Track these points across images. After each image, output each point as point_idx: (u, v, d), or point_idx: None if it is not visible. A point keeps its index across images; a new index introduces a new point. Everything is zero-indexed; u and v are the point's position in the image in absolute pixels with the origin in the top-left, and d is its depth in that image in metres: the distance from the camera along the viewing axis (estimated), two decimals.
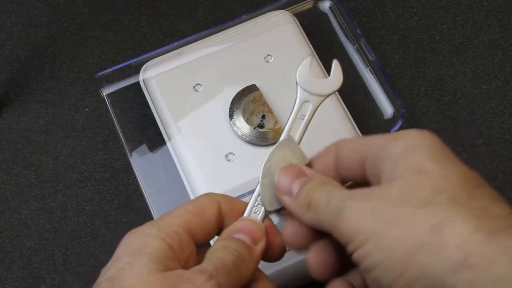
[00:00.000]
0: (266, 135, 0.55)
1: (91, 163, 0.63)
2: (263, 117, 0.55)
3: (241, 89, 0.57)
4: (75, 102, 0.66)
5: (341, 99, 0.58)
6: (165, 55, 0.60)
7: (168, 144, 0.57)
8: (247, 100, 0.56)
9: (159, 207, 0.54)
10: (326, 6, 0.63)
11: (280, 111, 0.56)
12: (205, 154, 0.55)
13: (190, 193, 0.55)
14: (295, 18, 0.62)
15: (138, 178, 0.56)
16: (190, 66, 0.59)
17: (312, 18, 0.63)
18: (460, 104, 0.65)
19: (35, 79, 0.67)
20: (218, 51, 0.60)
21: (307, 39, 0.61)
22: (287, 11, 0.62)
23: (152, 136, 0.59)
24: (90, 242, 0.60)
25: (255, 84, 0.57)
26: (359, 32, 0.60)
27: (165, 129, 0.57)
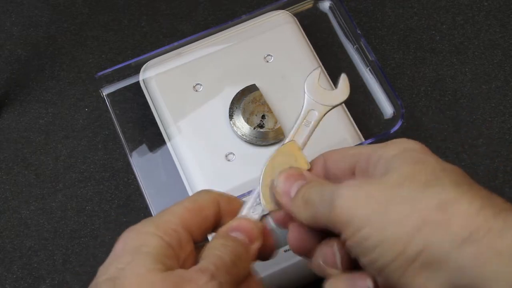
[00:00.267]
0: (266, 135, 0.55)
1: (91, 163, 0.63)
2: (263, 117, 0.55)
3: (241, 89, 0.57)
4: (75, 102, 0.66)
5: None
6: (165, 55, 0.60)
7: (168, 144, 0.57)
8: (247, 100, 0.56)
9: (159, 207, 0.54)
10: (326, 6, 0.63)
11: (280, 111, 0.56)
12: (205, 154, 0.55)
13: (190, 193, 0.55)
14: (295, 18, 0.62)
15: (138, 178, 0.56)
16: (190, 66, 0.59)
17: (312, 18, 0.63)
18: (460, 104, 0.65)
19: (35, 79, 0.67)
20: (218, 51, 0.60)
21: (307, 39, 0.61)
22: (287, 11, 0.62)
23: (152, 136, 0.59)
24: (90, 242, 0.60)
25: (255, 84, 0.57)
26: (359, 32, 0.60)
27: (165, 129, 0.57)
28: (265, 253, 0.39)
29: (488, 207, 0.31)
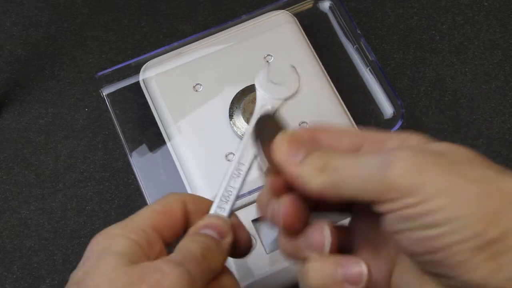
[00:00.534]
0: None
1: (91, 163, 0.63)
2: None
3: (241, 89, 0.57)
4: (75, 102, 0.66)
5: (341, 99, 0.58)
6: (165, 55, 0.60)
7: (168, 144, 0.57)
8: (247, 100, 0.56)
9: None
10: (326, 6, 0.63)
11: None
12: (205, 154, 0.55)
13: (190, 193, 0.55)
14: (295, 18, 0.62)
15: (138, 178, 0.56)
16: (190, 66, 0.59)
17: (312, 18, 0.63)
18: (460, 104, 0.65)
19: (35, 79, 0.67)
20: (218, 51, 0.60)
21: (307, 39, 0.61)
22: (287, 11, 0.62)
23: (152, 136, 0.59)
24: None
25: (255, 84, 0.57)
26: (359, 32, 0.60)
27: (165, 129, 0.57)
28: (240, 249, 0.38)
29: None
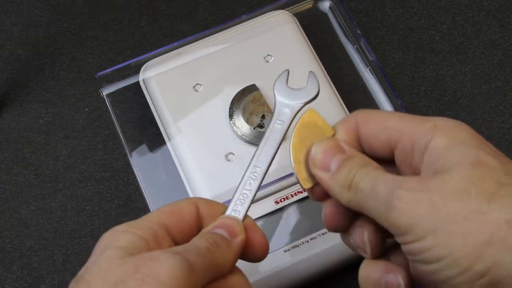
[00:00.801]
0: None
1: (91, 163, 0.63)
2: (263, 117, 0.55)
3: (241, 89, 0.57)
4: (75, 102, 0.66)
5: (341, 99, 0.58)
6: (165, 55, 0.60)
7: (168, 144, 0.57)
8: (247, 100, 0.56)
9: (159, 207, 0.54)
10: (326, 6, 0.63)
11: None
12: (205, 154, 0.55)
13: (190, 193, 0.55)
14: (295, 18, 0.62)
15: (138, 178, 0.56)
16: (190, 66, 0.59)
17: (312, 18, 0.63)
18: (460, 104, 0.65)
19: (35, 79, 0.67)
20: (218, 51, 0.60)
21: (307, 39, 0.61)
22: (287, 11, 0.62)
23: (152, 136, 0.59)
24: (90, 242, 0.60)
25: (255, 84, 0.57)
26: (359, 32, 0.60)
27: (165, 129, 0.57)
28: (254, 252, 0.38)
29: None
